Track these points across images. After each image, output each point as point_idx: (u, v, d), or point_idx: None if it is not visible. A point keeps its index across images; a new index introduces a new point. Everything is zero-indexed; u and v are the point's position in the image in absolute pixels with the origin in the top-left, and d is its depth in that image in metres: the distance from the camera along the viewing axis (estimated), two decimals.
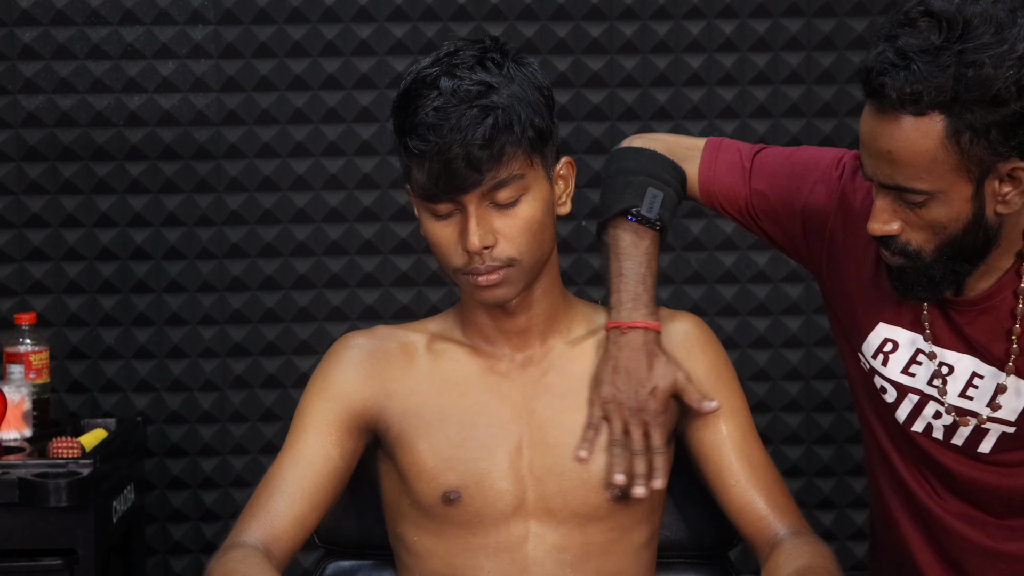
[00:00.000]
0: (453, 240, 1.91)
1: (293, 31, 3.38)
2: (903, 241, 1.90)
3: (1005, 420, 2.03)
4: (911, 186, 1.85)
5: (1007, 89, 1.80)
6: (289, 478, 1.97)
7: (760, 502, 2.00)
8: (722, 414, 2.03)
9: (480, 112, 1.85)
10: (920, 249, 1.91)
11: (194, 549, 3.46)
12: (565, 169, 1.99)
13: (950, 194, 1.86)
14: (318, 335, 3.41)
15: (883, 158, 1.86)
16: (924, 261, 1.91)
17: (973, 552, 2.11)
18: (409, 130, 1.88)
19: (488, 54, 1.91)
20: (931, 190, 1.85)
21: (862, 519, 3.49)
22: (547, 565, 1.97)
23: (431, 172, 1.87)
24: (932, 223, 1.88)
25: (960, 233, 1.89)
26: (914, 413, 2.08)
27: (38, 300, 3.40)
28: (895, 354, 2.07)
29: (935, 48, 1.81)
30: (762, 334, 3.46)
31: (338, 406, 2.00)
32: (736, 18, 3.42)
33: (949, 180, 1.84)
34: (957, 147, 1.82)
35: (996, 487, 2.07)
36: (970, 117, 1.81)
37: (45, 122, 3.37)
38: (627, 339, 2.02)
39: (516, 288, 1.94)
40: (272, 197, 3.41)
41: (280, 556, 1.94)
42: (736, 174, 2.17)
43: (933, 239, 1.90)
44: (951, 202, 1.86)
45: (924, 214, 1.87)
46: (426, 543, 2.00)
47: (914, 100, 1.82)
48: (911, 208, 1.88)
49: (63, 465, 2.85)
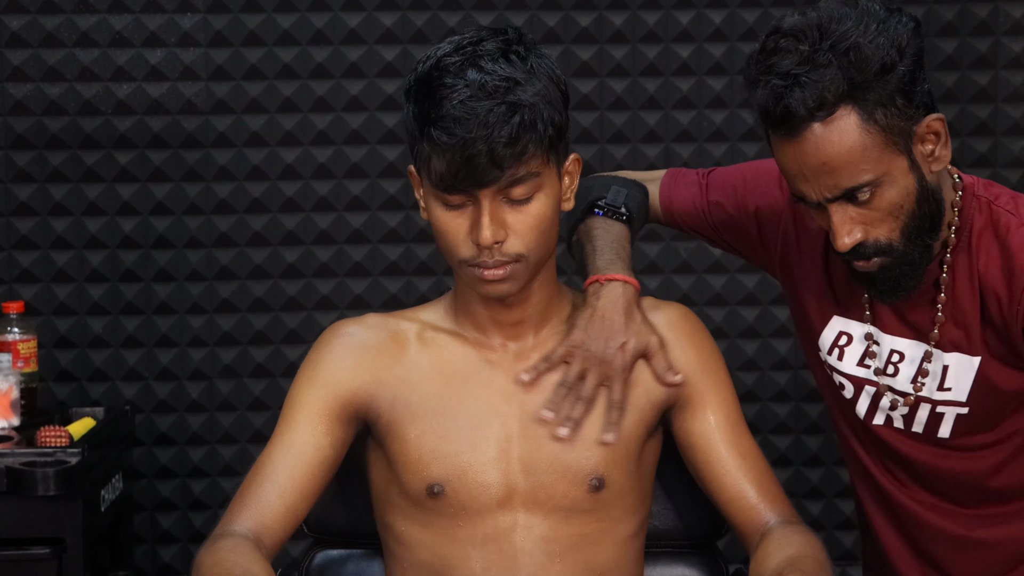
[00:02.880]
0: (463, 231, 1.91)
1: (282, 20, 3.38)
2: (872, 241, 1.94)
3: (956, 401, 2.04)
4: (857, 183, 1.90)
5: (888, 55, 1.88)
6: (279, 467, 1.96)
7: (750, 491, 2.01)
8: (711, 404, 2.03)
9: (508, 109, 1.85)
10: (890, 240, 1.94)
11: (182, 538, 3.46)
12: (573, 165, 1.99)
13: (892, 173, 1.91)
14: (307, 324, 3.41)
15: (820, 172, 1.90)
16: (899, 250, 1.95)
17: (945, 542, 2.12)
18: (434, 120, 1.86)
19: (512, 47, 1.90)
20: (875, 177, 1.90)
21: (850, 508, 3.50)
22: (535, 556, 1.97)
23: (451, 164, 1.86)
24: (889, 209, 1.92)
25: (916, 207, 1.94)
26: (872, 406, 2.10)
27: (26, 289, 3.39)
28: (849, 347, 2.10)
29: (809, 55, 1.88)
30: (750, 324, 3.47)
31: (328, 395, 2.00)
32: (725, 8, 3.42)
33: (886, 160, 1.90)
34: (876, 126, 1.89)
35: (960, 473, 2.09)
36: (872, 95, 1.88)
37: (33, 110, 3.36)
38: (607, 290, 2.04)
39: (519, 283, 1.94)
40: (261, 186, 3.41)
41: (270, 545, 1.94)
42: (693, 191, 2.24)
43: (896, 225, 1.94)
44: (896, 180, 1.92)
45: (878, 205, 1.92)
46: (414, 533, 2.00)
47: (820, 106, 1.87)
48: (864, 207, 1.92)
49: (51, 454, 2.85)
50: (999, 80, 3.46)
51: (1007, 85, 3.46)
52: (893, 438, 2.10)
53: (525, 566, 1.97)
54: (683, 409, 2.03)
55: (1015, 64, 3.45)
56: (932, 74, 3.44)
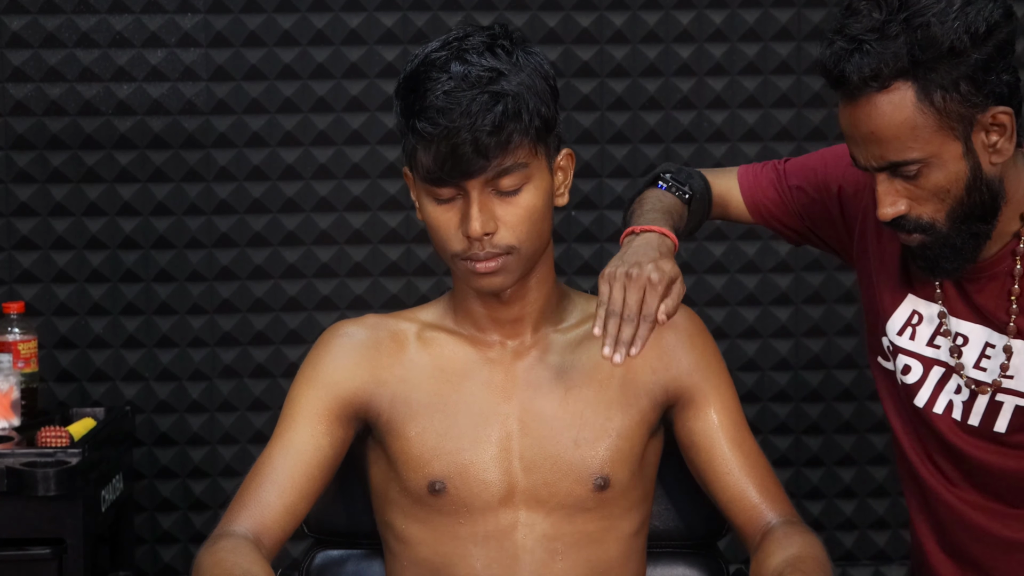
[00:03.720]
0: (453, 225, 1.92)
1: (282, 20, 3.38)
2: (915, 217, 1.95)
3: (1017, 391, 2.04)
4: (903, 158, 1.91)
5: (959, 40, 1.87)
6: (279, 467, 1.97)
7: (751, 490, 2.01)
8: (713, 402, 2.03)
9: (491, 98, 1.86)
10: (933, 220, 1.95)
11: (183, 538, 3.46)
12: (565, 160, 1.99)
13: (942, 156, 1.91)
14: (307, 324, 3.41)
15: (869, 140, 1.91)
16: (941, 232, 1.95)
17: (990, 543, 2.11)
18: (418, 112, 1.88)
19: (498, 41, 1.92)
20: (922, 157, 1.90)
21: (850, 509, 3.50)
22: (537, 554, 1.97)
23: (437, 155, 1.87)
24: (935, 190, 1.93)
25: (964, 193, 1.93)
26: (937, 389, 2.09)
27: (26, 289, 3.39)
28: (921, 326, 2.09)
29: (881, 24, 1.88)
30: (751, 324, 3.46)
31: (328, 395, 2.00)
32: (726, 8, 3.42)
33: (937, 142, 1.90)
34: (932, 108, 1.89)
35: (1014, 471, 2.08)
36: (935, 76, 1.88)
37: (33, 110, 3.36)
38: (641, 237, 1.97)
39: (513, 276, 1.94)
40: (261, 186, 3.41)
41: (270, 546, 1.94)
42: (771, 179, 2.23)
43: (942, 207, 1.94)
44: (945, 164, 1.91)
45: (924, 184, 1.92)
46: (414, 531, 2.00)
47: (875, 76, 1.88)
48: (911, 183, 1.93)
49: (51, 454, 2.85)
50: None
51: None
52: (949, 429, 2.08)
53: (526, 564, 1.97)
54: (685, 408, 2.03)
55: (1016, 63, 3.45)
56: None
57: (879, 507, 3.51)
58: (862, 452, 3.50)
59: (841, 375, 3.49)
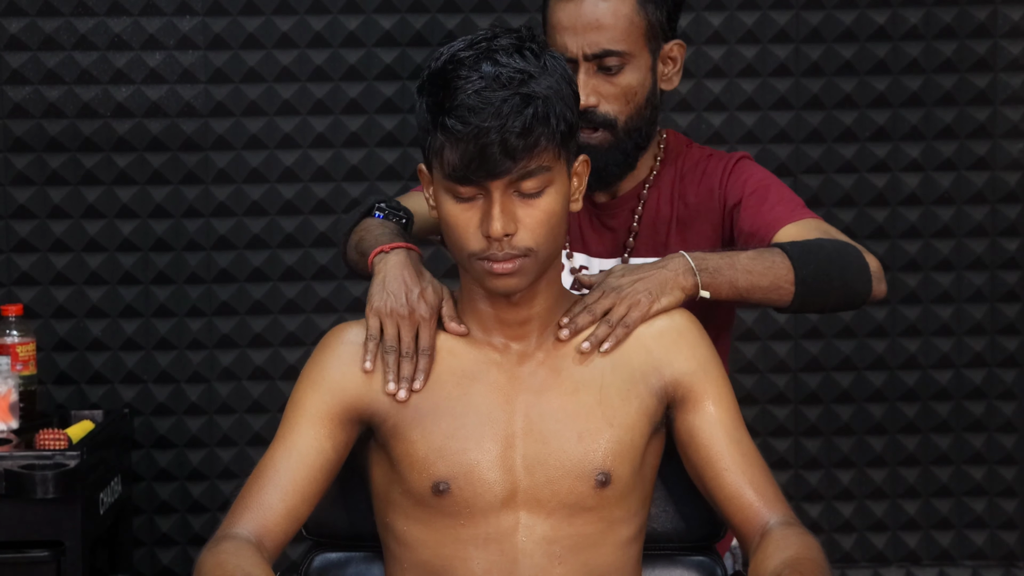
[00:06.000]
0: (473, 224, 1.92)
1: (280, 22, 3.38)
2: (602, 112, 2.26)
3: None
4: (615, 48, 2.24)
5: None
6: (281, 470, 1.97)
7: (750, 491, 2.01)
8: (711, 398, 2.03)
9: (522, 100, 1.87)
10: (616, 117, 2.27)
11: (181, 541, 3.46)
12: (582, 166, 2.00)
13: (639, 60, 2.27)
14: (306, 327, 3.41)
15: (591, 27, 2.23)
16: (619, 132, 2.28)
17: None
18: (448, 110, 1.88)
19: (526, 43, 1.92)
20: (628, 51, 2.25)
21: (849, 511, 3.50)
22: (536, 557, 1.97)
23: (464, 154, 1.88)
24: (626, 89, 2.26)
25: (644, 102, 2.29)
26: None
27: (25, 291, 3.39)
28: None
29: None
30: (749, 327, 3.47)
31: (331, 398, 2.00)
32: (724, 10, 3.42)
33: (639, 46, 2.26)
34: (646, 16, 2.26)
35: None
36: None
37: (32, 113, 3.36)
38: (391, 256, 2.09)
39: (528, 278, 1.95)
40: (260, 189, 3.41)
41: (271, 548, 1.94)
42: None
43: (625, 109, 2.27)
44: (640, 68, 2.27)
45: (619, 81, 2.26)
46: (415, 533, 2.00)
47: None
48: (609, 78, 2.25)
49: (50, 457, 2.85)
50: (998, 83, 3.46)
51: (1006, 87, 3.46)
52: None
53: (526, 568, 1.97)
54: (683, 404, 2.04)
55: (1014, 67, 3.46)
56: (931, 76, 3.46)
57: (878, 509, 3.51)
58: (861, 455, 3.50)
59: (840, 377, 3.49)
